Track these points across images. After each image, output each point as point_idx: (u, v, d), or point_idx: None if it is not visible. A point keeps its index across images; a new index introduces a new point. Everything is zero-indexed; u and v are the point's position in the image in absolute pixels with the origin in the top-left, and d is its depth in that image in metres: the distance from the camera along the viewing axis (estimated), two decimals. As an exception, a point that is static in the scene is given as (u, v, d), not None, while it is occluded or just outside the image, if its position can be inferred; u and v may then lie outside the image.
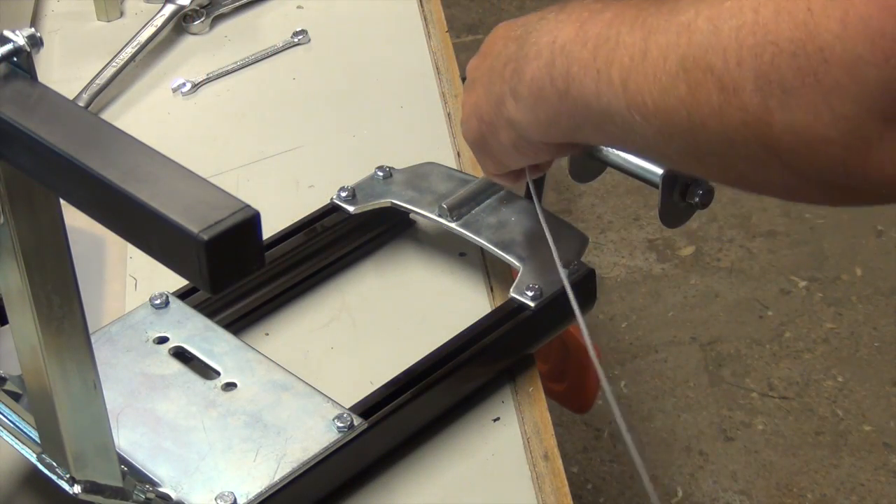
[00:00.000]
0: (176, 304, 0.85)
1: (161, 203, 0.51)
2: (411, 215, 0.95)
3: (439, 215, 0.90)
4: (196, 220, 0.50)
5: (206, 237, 0.50)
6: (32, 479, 0.78)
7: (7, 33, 0.57)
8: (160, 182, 0.53)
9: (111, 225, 0.55)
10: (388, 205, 0.93)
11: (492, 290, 0.91)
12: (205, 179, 0.53)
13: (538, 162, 0.80)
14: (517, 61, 0.72)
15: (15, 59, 0.57)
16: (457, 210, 0.90)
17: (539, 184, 0.86)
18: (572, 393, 1.13)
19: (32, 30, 0.57)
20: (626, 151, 0.74)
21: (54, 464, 0.68)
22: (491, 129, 0.77)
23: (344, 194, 0.94)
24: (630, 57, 0.62)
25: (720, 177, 0.65)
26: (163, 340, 0.82)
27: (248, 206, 0.52)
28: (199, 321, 0.84)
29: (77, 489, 0.67)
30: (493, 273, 0.93)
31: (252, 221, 0.52)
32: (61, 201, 0.59)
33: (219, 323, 0.85)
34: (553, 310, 0.85)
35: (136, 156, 0.54)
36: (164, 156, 0.54)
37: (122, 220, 0.54)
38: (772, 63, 0.54)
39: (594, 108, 0.66)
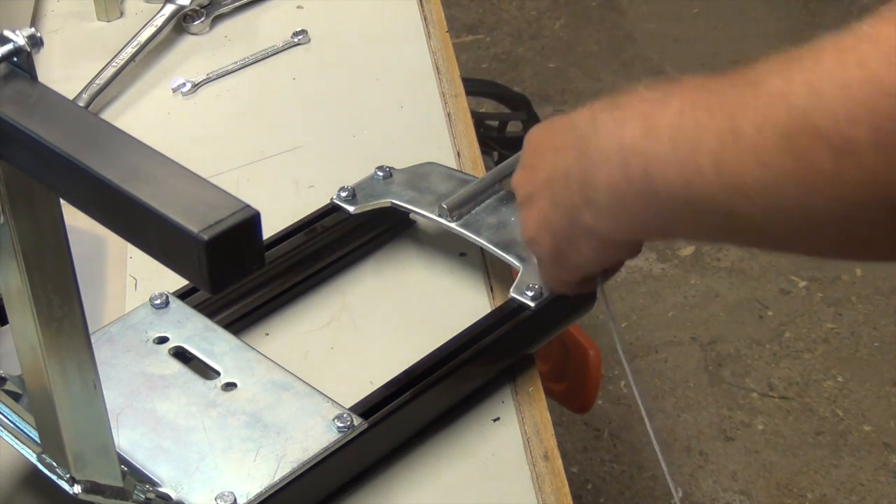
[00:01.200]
0: (176, 304, 0.85)
1: (161, 203, 0.51)
2: (411, 215, 0.95)
3: (439, 215, 0.90)
4: (196, 220, 0.50)
5: (206, 237, 0.50)
6: (32, 479, 0.78)
7: (7, 33, 0.57)
8: (160, 182, 0.53)
9: (111, 225, 0.55)
10: (388, 205, 0.93)
11: (492, 290, 0.91)
12: (205, 179, 0.53)
13: (621, 261, 0.77)
14: (582, 171, 0.69)
15: (15, 59, 0.57)
16: (457, 210, 0.90)
17: None
18: (572, 393, 1.13)
19: (32, 30, 0.57)
20: (732, 244, 0.72)
21: (54, 464, 0.68)
22: (568, 241, 0.74)
23: (344, 194, 0.94)
24: (719, 140, 0.59)
25: (841, 249, 0.61)
26: (163, 340, 0.82)
27: (248, 206, 0.52)
28: (199, 321, 0.84)
29: (77, 489, 0.67)
30: (493, 273, 0.93)
31: (252, 221, 0.52)
32: (61, 201, 0.59)
33: (219, 323, 0.85)
34: (553, 310, 0.85)
35: (136, 156, 0.54)
36: (164, 156, 0.54)
37: (122, 220, 0.54)
38: (889, 116, 0.50)
39: (684, 200, 0.62)
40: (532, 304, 0.84)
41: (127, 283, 0.94)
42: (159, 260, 0.53)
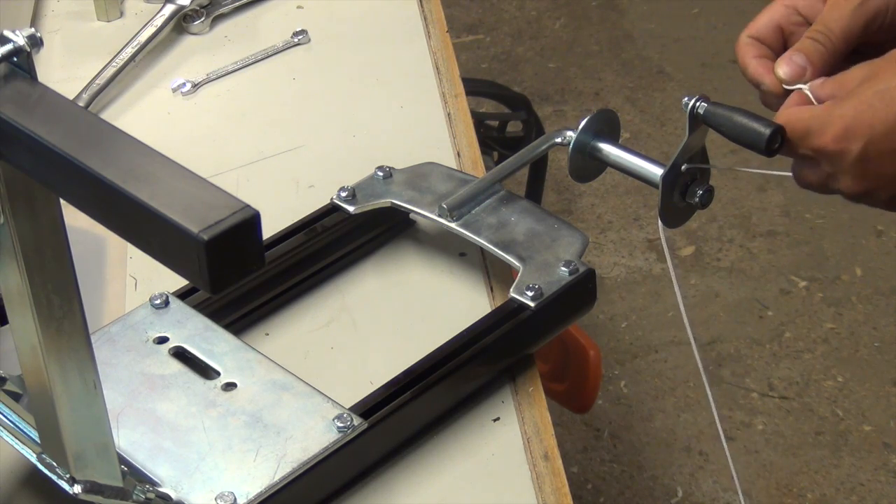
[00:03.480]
0: (176, 304, 0.85)
1: (161, 203, 0.51)
2: (411, 215, 0.95)
3: (439, 215, 0.90)
4: (196, 220, 0.50)
5: (206, 237, 0.50)
6: (32, 479, 0.78)
7: (7, 33, 0.57)
8: (160, 182, 0.53)
9: (111, 225, 0.55)
10: (388, 205, 0.93)
11: (492, 290, 0.91)
12: (205, 179, 0.53)
13: None
14: None
15: (15, 59, 0.57)
16: (457, 210, 0.90)
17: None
18: (572, 393, 1.14)
19: (32, 30, 0.57)
20: None
21: (54, 464, 0.68)
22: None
23: (344, 194, 0.94)
24: None
25: None
26: (163, 340, 0.82)
27: (248, 206, 0.52)
28: (199, 321, 0.84)
29: (77, 489, 0.67)
30: (493, 273, 0.93)
31: (252, 221, 0.52)
32: (61, 201, 0.59)
33: (219, 323, 0.85)
34: (553, 310, 0.85)
35: (136, 156, 0.55)
36: (164, 156, 0.54)
37: (122, 220, 0.54)
38: None
39: None
40: (532, 304, 0.84)
41: (127, 283, 0.94)
42: (159, 260, 0.53)
